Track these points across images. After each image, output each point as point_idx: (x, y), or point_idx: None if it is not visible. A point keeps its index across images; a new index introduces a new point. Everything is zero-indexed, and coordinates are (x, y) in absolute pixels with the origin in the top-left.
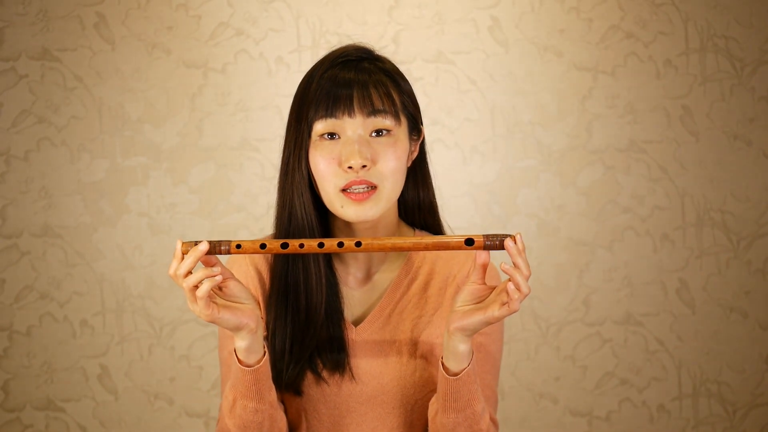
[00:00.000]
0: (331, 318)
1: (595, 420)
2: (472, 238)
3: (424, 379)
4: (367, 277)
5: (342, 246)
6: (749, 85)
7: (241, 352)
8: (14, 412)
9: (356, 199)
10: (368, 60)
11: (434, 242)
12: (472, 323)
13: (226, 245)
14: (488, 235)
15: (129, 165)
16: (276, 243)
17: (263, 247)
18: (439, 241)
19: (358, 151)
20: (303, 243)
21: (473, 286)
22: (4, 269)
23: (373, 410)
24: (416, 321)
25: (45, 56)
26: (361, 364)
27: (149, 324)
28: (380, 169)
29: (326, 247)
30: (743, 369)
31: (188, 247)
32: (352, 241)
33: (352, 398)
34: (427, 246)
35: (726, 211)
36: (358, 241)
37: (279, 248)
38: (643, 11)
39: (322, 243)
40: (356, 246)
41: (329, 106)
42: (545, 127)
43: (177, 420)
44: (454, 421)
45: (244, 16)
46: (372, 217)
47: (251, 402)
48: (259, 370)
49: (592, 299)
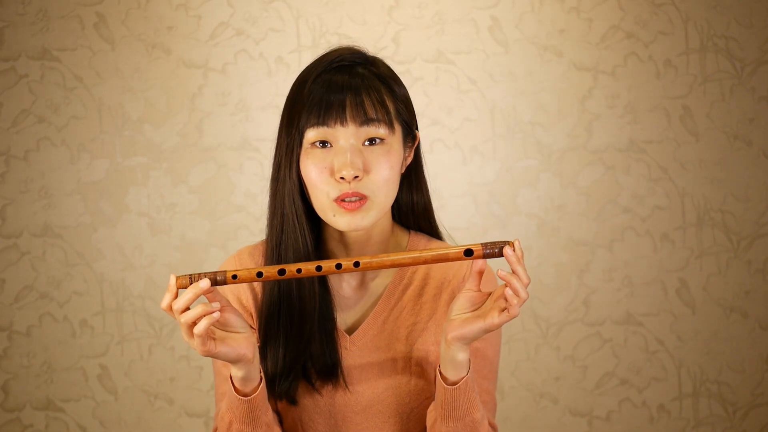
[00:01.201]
0: (324, 327)
1: (595, 420)
2: (471, 249)
3: (420, 387)
4: (361, 285)
5: (340, 267)
6: (749, 85)
7: (238, 380)
8: (14, 412)
9: (348, 208)
10: (362, 65)
11: (433, 256)
12: (471, 331)
13: (221, 275)
14: (486, 244)
15: (129, 165)
16: (273, 270)
17: (260, 275)
18: (438, 254)
19: (350, 161)
20: (300, 268)
21: (469, 294)
22: (4, 269)
23: (369, 419)
24: (411, 328)
25: (45, 56)
26: (355, 373)
27: (149, 324)
28: (373, 178)
29: (324, 269)
30: (743, 369)
31: (184, 281)
32: (351, 262)
33: (347, 407)
34: (426, 260)
35: (726, 211)
36: (356, 261)
37: (276, 275)
38: (643, 11)
39: (320, 266)
40: (354, 266)
41: (321, 113)
42: (545, 127)
43: (177, 420)
44: (453, 429)
45: (244, 16)
46: (365, 227)
47: (248, 426)
48: (254, 399)
49: (592, 299)
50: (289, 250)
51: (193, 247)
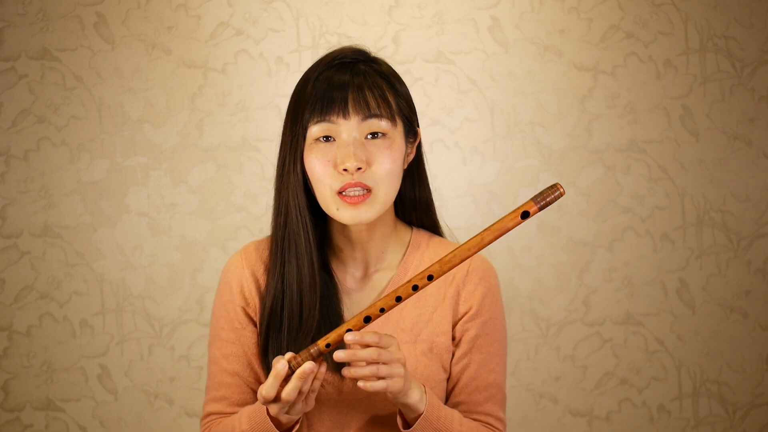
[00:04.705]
0: (329, 319)
1: (595, 420)
2: (527, 211)
3: (425, 377)
4: (366, 277)
5: (416, 289)
6: (749, 85)
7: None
8: (14, 412)
9: (351, 202)
10: (364, 62)
11: (493, 232)
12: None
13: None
14: (536, 199)
15: (129, 165)
16: (359, 318)
17: (349, 331)
18: (498, 228)
19: (353, 153)
20: (383, 307)
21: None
22: (4, 269)
23: (374, 410)
24: (416, 320)
25: (45, 56)
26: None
27: (149, 324)
28: (375, 171)
29: (403, 295)
30: (743, 369)
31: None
32: (424, 276)
33: (353, 398)
34: (489, 240)
35: (726, 211)
36: (429, 275)
37: (362, 322)
38: (643, 11)
39: (399, 297)
40: (428, 280)
41: (324, 108)
42: (545, 127)
43: (177, 420)
44: None
45: (244, 16)
46: (368, 220)
47: None
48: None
49: (592, 299)
50: (293, 245)
51: (193, 247)
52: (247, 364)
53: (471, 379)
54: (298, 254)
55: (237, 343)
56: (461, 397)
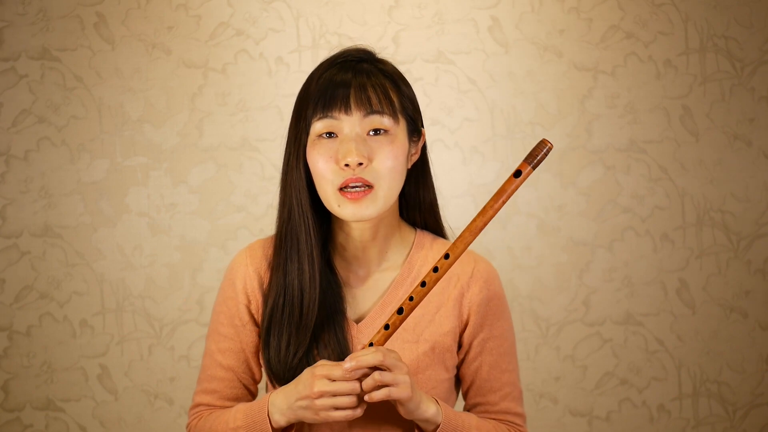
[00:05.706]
0: (333, 317)
1: (595, 420)
2: (519, 170)
3: (427, 376)
4: (369, 276)
5: (437, 271)
6: (749, 85)
7: (282, 420)
8: (14, 412)
9: (353, 198)
10: (368, 61)
11: (496, 200)
12: (403, 412)
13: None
14: (528, 159)
15: (129, 165)
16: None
17: (387, 327)
18: (499, 194)
19: (354, 148)
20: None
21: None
22: (4, 269)
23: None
24: (419, 319)
25: (45, 56)
26: None
27: (149, 324)
28: (377, 167)
29: (428, 282)
30: (743, 369)
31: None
32: (441, 257)
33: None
34: (496, 209)
35: (726, 211)
36: (446, 253)
37: (396, 314)
38: (643, 11)
39: (424, 281)
40: (445, 258)
41: (326, 104)
42: (545, 127)
43: (177, 420)
44: None
45: (244, 16)
46: (369, 217)
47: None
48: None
49: (592, 299)
50: (295, 241)
51: (193, 247)
52: (242, 361)
53: (484, 381)
54: (299, 250)
55: (235, 339)
56: (477, 399)
